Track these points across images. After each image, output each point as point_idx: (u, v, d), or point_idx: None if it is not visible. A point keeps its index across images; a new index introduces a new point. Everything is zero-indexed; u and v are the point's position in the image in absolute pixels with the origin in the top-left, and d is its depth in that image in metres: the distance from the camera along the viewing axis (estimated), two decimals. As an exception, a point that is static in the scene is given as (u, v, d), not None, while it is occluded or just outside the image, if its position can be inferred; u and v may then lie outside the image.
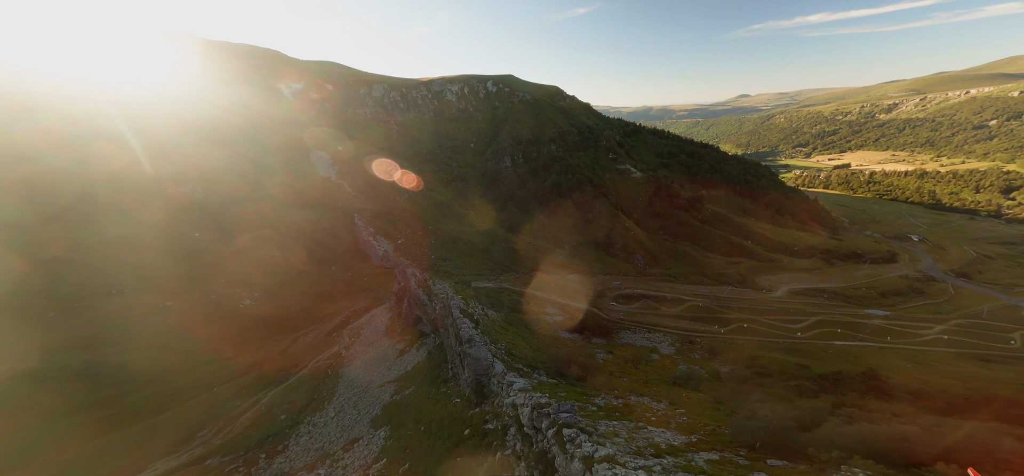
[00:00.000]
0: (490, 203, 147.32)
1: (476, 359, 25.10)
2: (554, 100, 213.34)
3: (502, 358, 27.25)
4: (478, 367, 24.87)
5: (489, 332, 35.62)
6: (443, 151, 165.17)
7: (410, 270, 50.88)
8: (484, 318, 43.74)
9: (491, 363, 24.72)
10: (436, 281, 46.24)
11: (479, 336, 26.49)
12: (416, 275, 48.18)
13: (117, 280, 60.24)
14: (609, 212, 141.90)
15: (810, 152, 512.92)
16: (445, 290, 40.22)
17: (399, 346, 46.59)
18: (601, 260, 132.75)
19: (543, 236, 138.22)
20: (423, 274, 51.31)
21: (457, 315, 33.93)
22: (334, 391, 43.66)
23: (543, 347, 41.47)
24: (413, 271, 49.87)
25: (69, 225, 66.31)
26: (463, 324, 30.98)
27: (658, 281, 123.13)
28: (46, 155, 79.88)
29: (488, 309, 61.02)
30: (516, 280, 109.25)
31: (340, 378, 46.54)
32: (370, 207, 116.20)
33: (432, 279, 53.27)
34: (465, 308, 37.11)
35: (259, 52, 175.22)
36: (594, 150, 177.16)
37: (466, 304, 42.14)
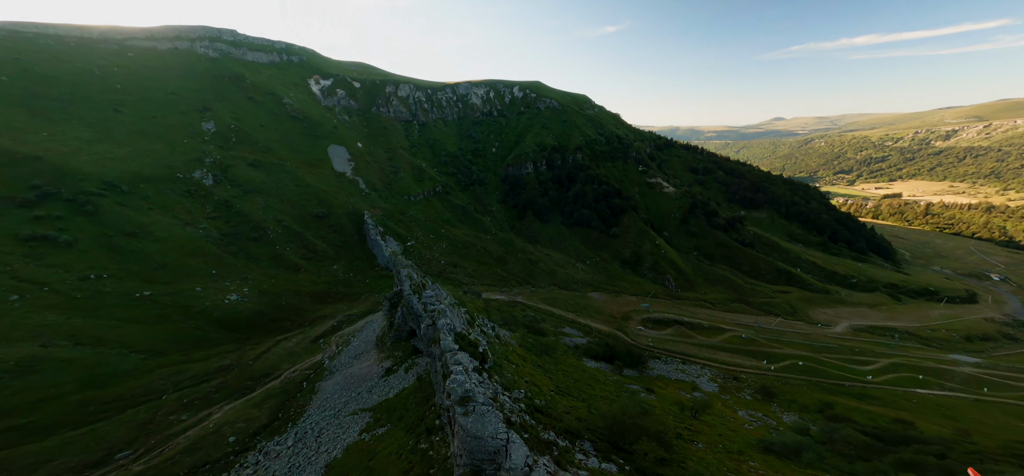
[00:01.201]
0: (509, 210, 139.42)
1: (475, 437, 13.65)
2: (582, 108, 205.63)
3: (521, 421, 16.53)
4: (477, 450, 13.47)
5: (500, 365, 26.44)
6: (464, 154, 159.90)
7: (405, 272, 42.88)
8: (494, 343, 34.67)
9: (502, 444, 13.56)
10: (431, 286, 37.78)
11: (481, 390, 15.63)
12: (412, 278, 40.02)
13: (99, 262, 55.86)
14: (638, 227, 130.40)
15: (854, 179, 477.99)
16: (435, 301, 30.57)
17: (386, 363, 38.20)
18: (627, 278, 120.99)
19: (564, 248, 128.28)
20: (421, 278, 43.37)
21: (447, 348, 21.50)
22: (304, 410, 35.60)
23: (576, 388, 31.74)
24: (409, 273, 41.72)
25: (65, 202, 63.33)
26: (454, 369, 17.82)
27: (693, 306, 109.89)
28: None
29: (500, 327, 51.77)
30: (532, 294, 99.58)
31: (316, 393, 38.55)
32: (383, 206, 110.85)
33: (431, 284, 45.06)
34: (465, 333, 26.70)
35: (296, 49, 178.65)
36: (623, 161, 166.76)
37: (469, 321, 32.95)
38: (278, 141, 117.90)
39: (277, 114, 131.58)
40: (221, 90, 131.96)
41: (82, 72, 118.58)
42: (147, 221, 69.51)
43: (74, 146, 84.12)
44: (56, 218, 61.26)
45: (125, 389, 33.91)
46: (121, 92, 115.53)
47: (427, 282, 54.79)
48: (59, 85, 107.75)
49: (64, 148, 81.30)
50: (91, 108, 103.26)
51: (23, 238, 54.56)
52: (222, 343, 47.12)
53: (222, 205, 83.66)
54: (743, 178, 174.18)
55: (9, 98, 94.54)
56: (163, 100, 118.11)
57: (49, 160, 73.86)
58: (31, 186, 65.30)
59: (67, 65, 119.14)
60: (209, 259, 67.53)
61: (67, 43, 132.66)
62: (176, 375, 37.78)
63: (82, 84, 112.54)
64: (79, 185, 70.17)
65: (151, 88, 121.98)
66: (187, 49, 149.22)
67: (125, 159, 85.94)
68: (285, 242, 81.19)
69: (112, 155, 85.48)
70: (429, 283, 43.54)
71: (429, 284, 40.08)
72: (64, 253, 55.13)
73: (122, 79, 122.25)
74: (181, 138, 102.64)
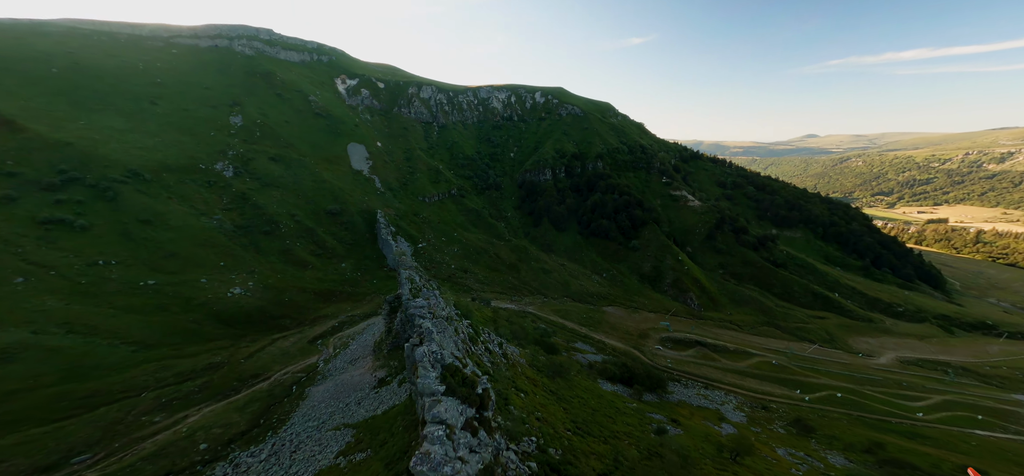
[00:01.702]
0: (524, 216, 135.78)
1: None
2: (605, 115, 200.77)
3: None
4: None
5: (507, 396, 22.37)
6: (481, 158, 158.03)
7: (407, 274, 39.77)
8: (501, 364, 30.58)
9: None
10: (426, 292, 34.05)
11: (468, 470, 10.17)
12: (413, 281, 36.83)
13: (110, 248, 55.85)
14: (659, 241, 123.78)
15: (894, 202, 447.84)
16: (423, 313, 25.44)
17: (380, 373, 34.94)
18: (645, 294, 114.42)
19: (579, 258, 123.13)
20: (425, 281, 40.18)
21: (426, 390, 15.32)
22: (288, 417, 32.68)
23: (595, 423, 27.23)
24: (411, 275, 38.53)
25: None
26: (431, 430, 12.19)
27: (717, 328, 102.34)
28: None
29: (509, 342, 47.55)
30: (544, 305, 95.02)
31: (304, 399, 35.69)
32: (397, 206, 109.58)
33: (428, 289, 41.73)
34: (458, 363, 20.20)
35: (326, 50, 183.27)
36: (646, 172, 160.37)
37: (472, 336, 28.69)
38: (300, 137, 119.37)
39: (302, 111, 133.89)
40: (252, 86, 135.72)
41: (127, 66, 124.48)
42: (164, 210, 70.08)
43: (106, 134, 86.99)
44: (76, 202, 62.30)
45: (105, 384, 32.05)
46: (159, 86, 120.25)
47: (433, 284, 51.58)
48: (104, 77, 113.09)
49: (96, 136, 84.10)
50: (129, 100, 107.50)
51: (40, 221, 55.31)
52: (217, 338, 45.33)
53: (239, 197, 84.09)
54: (776, 195, 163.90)
55: (55, 88, 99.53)
56: (197, 94, 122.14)
57: (79, 147, 76.18)
58: (57, 170, 67.07)
59: (115, 59, 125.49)
60: (219, 250, 67.09)
61: (118, 39, 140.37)
62: (162, 371, 35.82)
63: (125, 77, 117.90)
64: (104, 172, 71.73)
65: (188, 83, 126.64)
66: (226, 47, 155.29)
67: (152, 148, 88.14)
68: (296, 237, 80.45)
69: (141, 144, 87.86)
70: (427, 287, 40.25)
71: (425, 289, 36.74)
72: (78, 237, 55.47)
73: (162, 73, 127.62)
74: (208, 131, 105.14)
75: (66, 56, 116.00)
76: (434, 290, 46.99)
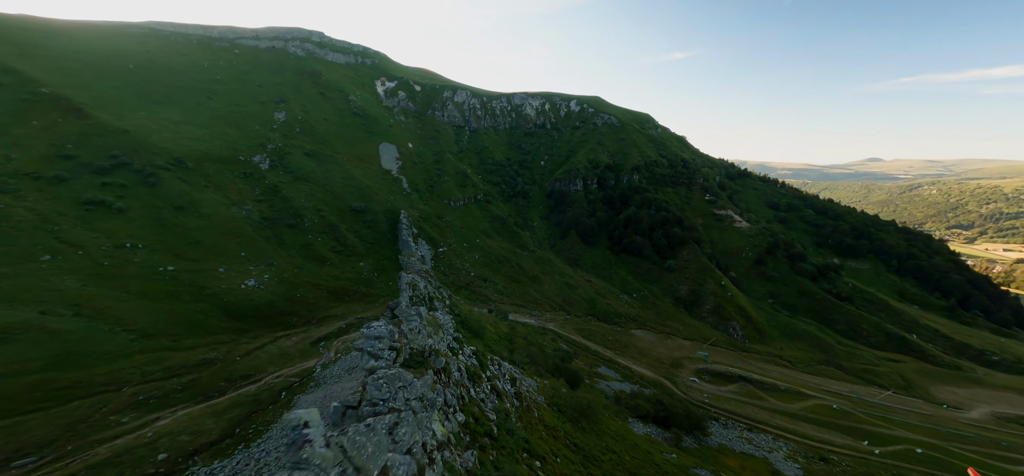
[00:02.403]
0: (551, 227, 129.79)
1: None
2: (644, 127, 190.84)
3: None
4: None
5: (514, 454, 16.79)
6: (511, 164, 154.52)
7: (409, 279, 35.80)
8: (510, 409, 24.84)
9: None
10: (412, 315, 29.51)
11: None
12: (416, 288, 32.72)
13: (140, 232, 57.40)
14: (699, 263, 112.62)
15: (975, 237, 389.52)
16: (374, 355, 16.66)
17: (366, 390, 30.93)
18: (680, 319, 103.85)
19: (607, 275, 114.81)
20: (433, 289, 36.00)
21: None
22: (267, 428, 29.28)
23: None
24: (414, 281, 34.46)
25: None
26: None
27: (764, 362, 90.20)
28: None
29: (524, 370, 41.49)
30: (566, 322, 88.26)
31: (291, 408, 32.33)
32: (421, 207, 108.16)
33: (413, 310, 37.37)
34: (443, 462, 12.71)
35: (370, 53, 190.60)
36: (687, 188, 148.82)
37: (476, 369, 23.00)
38: (336, 134, 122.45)
39: (341, 110, 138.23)
40: (299, 85, 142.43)
41: (194, 64, 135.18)
42: (198, 197, 72.42)
43: (162, 124, 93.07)
44: (120, 186, 65.56)
45: (89, 374, 30.63)
46: (218, 82, 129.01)
47: (444, 294, 47.37)
48: (171, 73, 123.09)
49: (152, 126, 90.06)
50: (189, 94, 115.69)
51: (83, 201, 58.15)
52: (219, 332, 43.91)
53: (270, 189, 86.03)
54: (840, 220, 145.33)
55: (127, 81, 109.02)
56: (250, 91, 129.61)
57: (135, 134, 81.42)
58: (110, 156, 71.49)
59: (185, 58, 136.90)
60: (243, 241, 67.79)
61: (191, 39, 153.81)
62: (152, 364, 34.18)
63: (190, 73, 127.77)
64: (151, 158, 75.73)
65: (243, 80, 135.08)
66: (281, 48, 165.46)
67: (200, 139, 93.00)
68: (319, 232, 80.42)
69: (190, 135, 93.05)
70: (437, 296, 35.92)
71: (435, 299, 32.52)
72: (113, 219, 57.64)
73: (222, 71, 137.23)
74: (253, 125, 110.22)
75: (143, 54, 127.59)
76: (444, 301, 42.59)
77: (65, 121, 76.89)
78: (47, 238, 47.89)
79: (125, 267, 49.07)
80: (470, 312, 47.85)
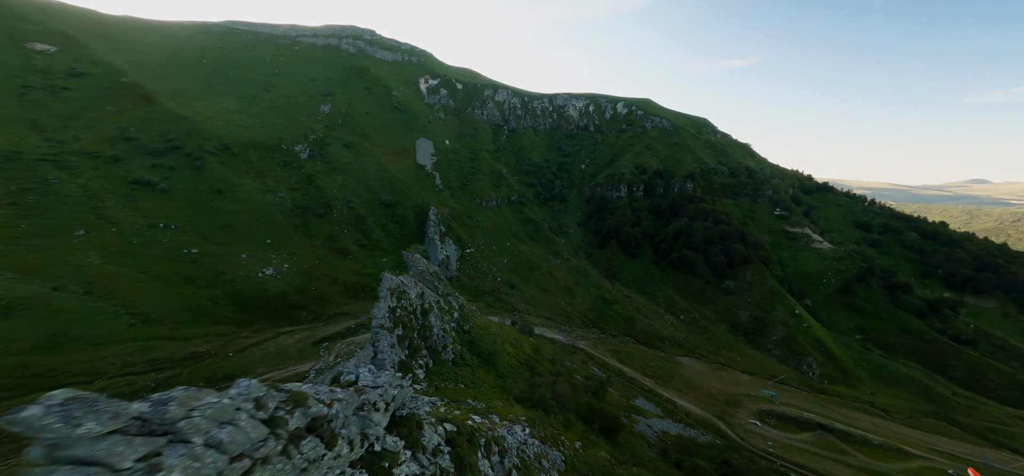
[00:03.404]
0: (589, 235, 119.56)
1: None
2: (700, 132, 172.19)
3: None
4: None
5: None
6: (549, 166, 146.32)
7: (393, 284, 29.98)
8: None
9: None
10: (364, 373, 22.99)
11: None
12: (403, 296, 26.78)
13: (176, 213, 58.67)
14: (766, 286, 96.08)
15: None
16: None
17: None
18: (739, 349, 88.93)
19: (651, 292, 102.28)
20: (426, 299, 30.05)
21: None
22: None
23: None
24: (402, 288, 28.52)
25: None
26: None
27: (850, 409, 73.74)
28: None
29: (547, 433, 33.27)
30: (599, 342, 78.59)
31: None
32: (452, 205, 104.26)
33: (445, 316, 31.20)
34: None
35: (417, 51, 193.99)
36: (751, 200, 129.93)
37: (463, 460, 15.46)
38: (376, 128, 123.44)
39: (384, 104, 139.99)
40: (347, 80, 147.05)
41: (258, 59, 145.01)
42: (237, 182, 74.32)
43: (219, 113, 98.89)
44: (168, 168, 68.76)
45: (69, 360, 28.80)
46: (276, 76, 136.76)
47: (452, 305, 41.09)
48: (237, 67, 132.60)
49: (210, 114, 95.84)
50: (249, 86, 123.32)
51: (131, 180, 61.02)
52: (223, 322, 41.86)
53: (306, 178, 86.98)
54: (955, 247, 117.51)
55: (198, 74, 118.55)
56: (303, 85, 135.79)
57: (192, 121, 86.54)
58: (166, 139, 75.89)
59: (251, 54, 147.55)
60: (271, 227, 67.84)
61: (259, 37, 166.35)
62: (137, 353, 32.00)
63: (254, 67, 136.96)
64: (201, 143, 79.50)
65: (298, 74, 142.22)
66: (335, 45, 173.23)
67: (250, 127, 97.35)
68: (346, 224, 79.22)
69: (242, 123, 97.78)
70: (438, 310, 29.70)
71: (432, 312, 26.60)
72: (155, 199, 59.70)
73: (282, 66, 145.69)
74: (300, 116, 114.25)
75: (217, 50, 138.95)
76: (451, 312, 36.04)
77: (135, 107, 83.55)
78: (87, 214, 49.80)
79: (151, 247, 49.56)
80: (485, 328, 41.10)
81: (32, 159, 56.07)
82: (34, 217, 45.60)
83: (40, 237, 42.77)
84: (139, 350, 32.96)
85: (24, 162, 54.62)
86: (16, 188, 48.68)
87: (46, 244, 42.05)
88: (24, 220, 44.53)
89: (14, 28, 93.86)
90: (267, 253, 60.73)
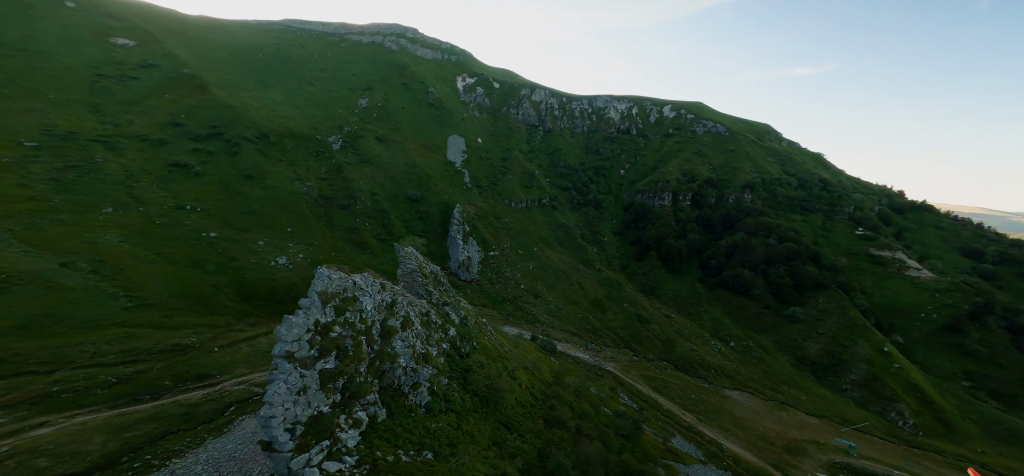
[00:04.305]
0: (626, 245, 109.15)
1: None
2: (762, 138, 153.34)
3: None
4: None
5: None
6: (585, 169, 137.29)
7: (404, 283, 24.93)
8: None
9: None
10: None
11: None
12: (395, 306, 21.50)
13: (205, 196, 59.37)
14: (845, 316, 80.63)
15: None
16: None
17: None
18: (804, 386, 75.22)
19: (695, 313, 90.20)
20: (432, 298, 24.71)
21: None
22: (179, 456, 21.53)
23: None
24: (397, 294, 23.03)
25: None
26: None
27: (953, 470, 58.71)
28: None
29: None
30: (631, 366, 69.50)
31: (229, 432, 24.49)
32: (479, 204, 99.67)
33: (436, 315, 25.53)
34: None
35: (457, 50, 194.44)
36: (825, 216, 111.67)
37: None
38: (409, 123, 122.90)
39: (420, 101, 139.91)
40: (387, 76, 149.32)
41: (307, 55, 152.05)
42: (269, 170, 75.28)
43: (264, 103, 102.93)
44: (207, 153, 70.95)
45: (40, 344, 27.28)
46: (322, 71, 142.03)
47: (451, 316, 35.47)
48: (288, 62, 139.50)
49: (255, 104, 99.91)
50: (295, 79, 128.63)
51: (170, 163, 63.08)
52: (220, 312, 39.88)
53: (335, 169, 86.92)
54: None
55: (252, 68, 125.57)
56: (345, 79, 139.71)
57: (238, 110, 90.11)
58: (210, 126, 79.06)
59: (302, 50, 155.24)
60: (294, 216, 67.30)
61: (312, 34, 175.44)
62: (116, 342, 30.18)
63: (304, 62, 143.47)
64: (241, 131, 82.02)
65: (342, 70, 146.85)
66: (380, 42, 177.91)
67: (289, 118, 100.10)
68: (368, 217, 77.41)
69: (282, 114, 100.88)
70: (395, 327, 24.05)
71: (444, 306, 20.94)
72: (187, 182, 61.07)
73: (328, 62, 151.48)
74: (338, 108, 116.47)
75: (273, 47, 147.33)
76: (445, 329, 30.36)
77: (190, 96, 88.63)
78: (121, 192, 51.19)
79: (172, 228, 49.73)
80: (493, 351, 34.55)
81: (85, 139, 59.61)
82: (70, 192, 47.41)
83: (68, 212, 44.05)
84: (120, 338, 31.21)
85: (77, 142, 58.10)
86: (62, 165, 51.35)
87: (72, 219, 43.11)
88: (60, 195, 46.32)
89: (103, 24, 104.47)
90: (285, 242, 59.71)
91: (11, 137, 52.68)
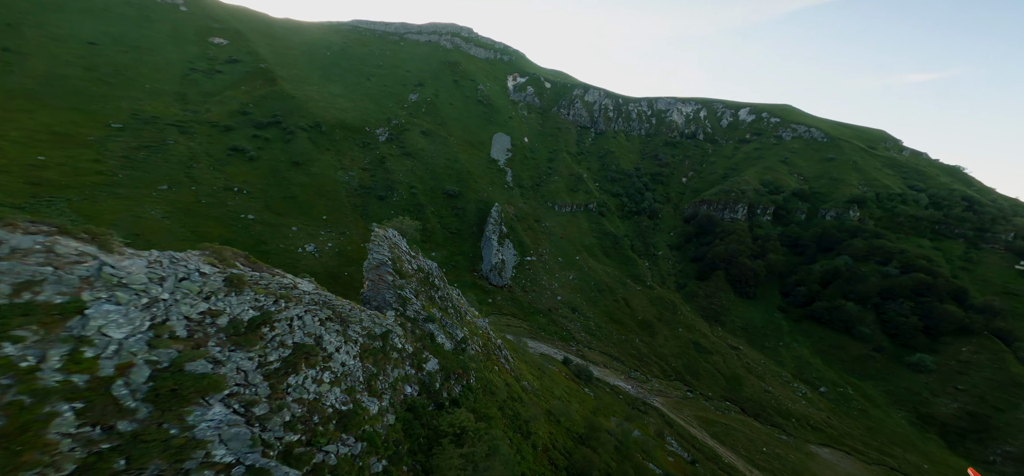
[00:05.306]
0: (685, 261, 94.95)
1: None
2: (873, 146, 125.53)
3: None
4: None
5: None
6: (640, 175, 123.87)
7: (386, 284, 19.66)
8: None
9: None
10: None
11: None
12: (408, 317, 16.12)
13: (253, 180, 61.39)
14: (1005, 373, 60.06)
15: None
16: None
17: None
18: (924, 451, 57.90)
19: (773, 347, 74.34)
20: (423, 312, 19.10)
21: None
22: None
23: None
24: (377, 317, 17.70)
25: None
26: None
27: None
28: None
29: None
30: (684, 403, 58.49)
31: None
32: (520, 205, 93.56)
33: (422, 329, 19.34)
34: None
35: (510, 50, 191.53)
36: (970, 244, 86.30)
37: None
38: (456, 119, 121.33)
39: (469, 98, 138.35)
40: (439, 72, 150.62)
41: (369, 53, 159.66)
42: (316, 157, 77.27)
43: (323, 95, 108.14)
44: (264, 140, 74.62)
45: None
46: (379, 67, 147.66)
47: (436, 336, 29.26)
48: (351, 59, 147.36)
49: (315, 96, 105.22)
50: (355, 75, 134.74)
51: (231, 147, 66.81)
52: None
53: (378, 160, 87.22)
54: None
55: (319, 64, 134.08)
56: (399, 75, 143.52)
57: (298, 101, 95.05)
58: (272, 114, 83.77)
59: (365, 48, 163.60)
60: (332, 204, 67.52)
61: (375, 33, 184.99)
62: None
63: (365, 59, 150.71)
64: (298, 120, 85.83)
65: (398, 67, 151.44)
66: (436, 41, 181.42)
67: (343, 109, 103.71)
68: (403, 209, 75.55)
69: (337, 106, 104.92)
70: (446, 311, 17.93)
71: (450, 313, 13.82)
72: (240, 165, 63.96)
73: (386, 59, 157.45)
74: (389, 102, 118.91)
75: (340, 45, 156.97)
76: (422, 355, 23.69)
77: (261, 88, 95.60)
78: (179, 170, 54.40)
79: (215, 208, 51.32)
80: (501, 396, 24.99)
81: (164, 123, 65.39)
82: (135, 169, 51.20)
83: (127, 187, 47.25)
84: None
85: (157, 125, 63.83)
86: (136, 145, 56.16)
87: (127, 193, 46.06)
88: (125, 171, 50.09)
89: (205, 26, 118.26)
90: (318, 229, 59.53)
91: (103, 119, 59.21)
